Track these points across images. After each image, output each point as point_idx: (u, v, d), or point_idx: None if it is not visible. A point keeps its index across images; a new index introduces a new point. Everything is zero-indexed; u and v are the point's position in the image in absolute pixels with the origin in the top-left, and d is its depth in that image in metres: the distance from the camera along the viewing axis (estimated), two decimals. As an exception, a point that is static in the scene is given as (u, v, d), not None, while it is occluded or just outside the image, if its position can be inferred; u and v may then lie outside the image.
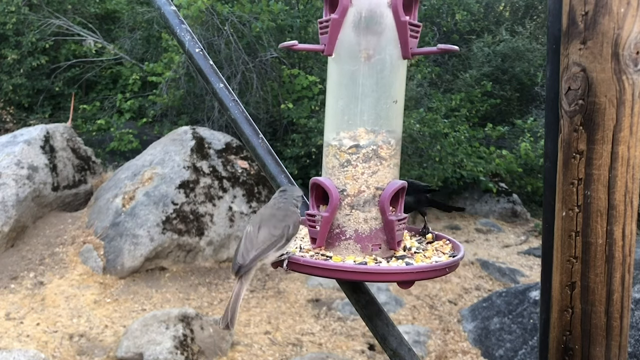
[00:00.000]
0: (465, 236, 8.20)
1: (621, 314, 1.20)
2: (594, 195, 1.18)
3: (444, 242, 1.34)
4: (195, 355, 4.46)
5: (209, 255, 6.32)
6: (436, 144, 8.24)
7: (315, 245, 1.23)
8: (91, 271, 5.76)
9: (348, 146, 1.21)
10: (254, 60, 8.54)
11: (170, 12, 1.55)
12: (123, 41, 10.37)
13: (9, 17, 9.98)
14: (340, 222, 1.23)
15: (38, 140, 6.69)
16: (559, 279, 1.24)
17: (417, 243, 1.34)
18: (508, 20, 12.15)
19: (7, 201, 5.97)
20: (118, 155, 9.32)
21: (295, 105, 8.33)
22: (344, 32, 1.19)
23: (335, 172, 1.23)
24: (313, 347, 4.84)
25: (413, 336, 5.00)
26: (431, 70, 9.86)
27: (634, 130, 1.16)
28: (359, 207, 1.22)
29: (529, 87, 10.66)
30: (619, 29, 1.14)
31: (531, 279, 6.48)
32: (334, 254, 1.22)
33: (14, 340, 4.55)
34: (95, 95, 10.91)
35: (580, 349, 1.22)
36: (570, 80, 1.20)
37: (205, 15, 8.20)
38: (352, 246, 1.22)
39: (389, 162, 1.22)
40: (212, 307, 5.42)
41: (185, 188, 6.42)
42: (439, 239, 1.36)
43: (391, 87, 1.21)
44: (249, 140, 1.46)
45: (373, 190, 1.21)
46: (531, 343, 4.72)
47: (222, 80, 1.49)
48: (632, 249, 1.21)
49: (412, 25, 1.19)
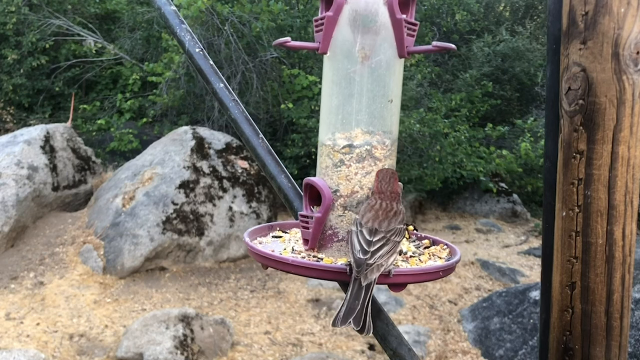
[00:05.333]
0: (465, 236, 8.20)
1: (621, 314, 1.20)
2: (594, 195, 1.18)
3: (442, 246, 1.31)
4: (195, 355, 4.46)
5: (209, 255, 6.32)
6: (436, 144, 8.25)
7: (308, 247, 1.21)
8: (91, 271, 5.76)
9: (342, 146, 1.19)
10: (254, 60, 8.54)
11: (170, 12, 1.55)
12: (123, 41, 10.37)
13: (9, 17, 9.99)
14: (333, 223, 1.20)
15: (38, 140, 6.69)
16: (559, 279, 1.24)
17: (414, 247, 1.32)
18: (508, 20, 12.16)
19: (7, 201, 5.97)
20: (118, 155, 9.32)
21: (295, 105, 8.33)
22: (339, 29, 1.17)
23: (329, 172, 1.21)
24: (313, 347, 4.84)
25: (413, 336, 5.00)
26: (431, 70, 9.87)
27: (634, 130, 1.16)
28: (352, 208, 1.20)
29: (529, 87, 10.67)
30: (619, 29, 1.14)
31: (531, 279, 6.48)
32: (325, 256, 1.20)
33: (14, 340, 4.55)
34: (95, 95, 10.91)
35: (580, 349, 1.22)
36: (571, 80, 1.20)
37: (205, 15, 8.20)
38: (344, 248, 1.20)
39: (383, 162, 1.20)
40: (212, 307, 5.42)
41: (185, 188, 6.42)
42: (437, 243, 1.34)
43: (387, 87, 1.19)
44: (249, 140, 1.45)
45: (367, 191, 1.19)
46: (531, 343, 4.72)
47: (222, 80, 1.48)
48: (632, 249, 1.21)
49: (408, 23, 1.17)
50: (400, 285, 1.14)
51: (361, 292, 1.04)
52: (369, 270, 1.05)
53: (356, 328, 1.01)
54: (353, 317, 1.01)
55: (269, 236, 1.36)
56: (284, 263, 1.14)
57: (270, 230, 1.39)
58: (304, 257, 1.19)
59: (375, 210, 1.13)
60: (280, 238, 1.34)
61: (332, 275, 1.13)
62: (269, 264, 1.18)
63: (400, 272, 1.12)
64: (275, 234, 1.37)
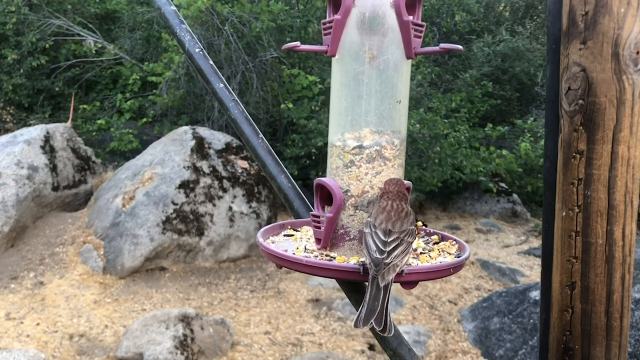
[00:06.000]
0: (465, 236, 8.20)
1: (621, 314, 1.20)
2: (594, 195, 1.18)
3: (451, 242, 1.33)
4: (195, 355, 4.46)
5: (209, 255, 6.32)
6: (436, 145, 8.25)
7: (320, 246, 1.23)
8: (91, 271, 5.76)
9: (352, 147, 1.21)
10: (254, 60, 8.54)
11: (170, 12, 1.55)
12: (123, 41, 10.37)
13: (9, 17, 9.98)
14: (345, 222, 1.22)
15: (38, 140, 6.69)
16: (559, 279, 1.24)
17: (424, 244, 1.33)
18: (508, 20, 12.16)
19: (7, 201, 5.97)
20: (118, 155, 9.32)
21: (295, 105, 8.32)
22: (347, 32, 1.19)
23: (339, 172, 1.23)
24: (313, 347, 4.84)
25: (413, 336, 5.00)
26: (431, 71, 9.87)
27: (634, 130, 1.16)
28: (363, 208, 1.22)
29: (529, 87, 10.67)
30: (619, 29, 1.14)
31: (531, 279, 6.48)
32: (338, 255, 1.22)
33: (14, 340, 4.55)
34: (95, 95, 10.91)
35: (580, 349, 1.22)
36: (570, 80, 1.20)
37: (205, 15, 8.20)
38: (356, 247, 1.22)
39: (393, 162, 1.22)
40: (212, 307, 5.42)
41: (185, 188, 6.42)
42: (446, 239, 1.35)
43: (395, 87, 1.20)
44: (249, 140, 1.46)
45: (377, 191, 1.21)
46: (531, 343, 4.72)
47: (222, 80, 1.48)
48: (632, 249, 1.21)
49: (415, 25, 1.19)
50: (412, 283, 1.16)
51: (380, 292, 1.06)
52: (386, 270, 1.07)
53: (378, 328, 1.04)
54: (374, 318, 1.04)
55: (281, 235, 1.37)
56: (298, 263, 1.16)
57: (282, 228, 1.40)
58: (316, 257, 1.21)
59: (387, 212, 1.15)
60: (292, 237, 1.36)
61: (345, 275, 1.15)
62: (283, 264, 1.19)
63: (413, 270, 1.13)
64: (286, 232, 1.39)
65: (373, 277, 1.07)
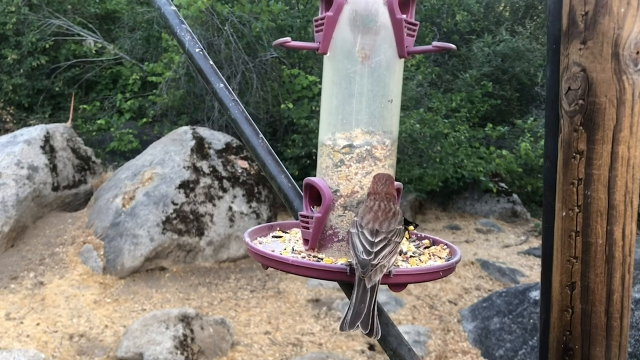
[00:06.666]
0: (465, 236, 8.20)
1: (621, 314, 1.20)
2: (594, 195, 1.18)
3: (442, 247, 1.31)
4: (195, 355, 4.46)
5: (209, 255, 6.32)
6: (436, 145, 8.25)
7: (308, 247, 1.21)
8: (91, 271, 5.76)
9: (342, 146, 1.19)
10: (254, 60, 8.54)
11: (170, 12, 1.55)
12: (123, 41, 10.37)
13: (9, 17, 9.99)
14: (333, 223, 1.21)
15: (38, 140, 6.69)
16: (559, 279, 1.24)
17: (414, 247, 1.32)
18: (508, 20, 12.17)
19: (7, 201, 5.97)
20: (118, 155, 9.32)
21: (295, 105, 8.33)
22: (339, 30, 1.17)
23: (329, 172, 1.21)
24: (313, 347, 4.84)
25: (413, 336, 5.00)
26: (431, 71, 9.87)
27: (634, 130, 1.16)
28: (352, 208, 1.20)
29: (529, 87, 10.68)
30: (619, 29, 1.14)
31: (531, 279, 6.48)
32: (326, 256, 1.20)
33: (14, 340, 4.55)
34: (95, 95, 10.91)
35: (580, 349, 1.22)
36: (570, 80, 1.19)
37: (205, 15, 8.20)
38: (345, 248, 1.20)
39: (383, 162, 1.20)
40: (212, 307, 5.42)
41: (185, 188, 6.42)
42: (437, 243, 1.34)
43: (387, 87, 1.19)
44: (249, 140, 1.45)
45: (367, 191, 1.19)
46: (531, 343, 4.72)
47: (222, 80, 1.48)
48: (632, 249, 1.21)
49: (408, 23, 1.17)
50: (400, 285, 1.14)
51: (366, 294, 1.04)
52: (372, 271, 1.05)
53: (365, 331, 1.01)
54: (360, 320, 1.02)
55: (269, 236, 1.36)
56: (284, 263, 1.14)
57: (271, 230, 1.39)
58: (304, 257, 1.19)
59: (374, 212, 1.13)
60: (281, 238, 1.34)
61: (332, 275, 1.13)
62: (269, 264, 1.18)
63: (401, 272, 1.12)
64: (275, 234, 1.37)
65: (360, 278, 1.05)
